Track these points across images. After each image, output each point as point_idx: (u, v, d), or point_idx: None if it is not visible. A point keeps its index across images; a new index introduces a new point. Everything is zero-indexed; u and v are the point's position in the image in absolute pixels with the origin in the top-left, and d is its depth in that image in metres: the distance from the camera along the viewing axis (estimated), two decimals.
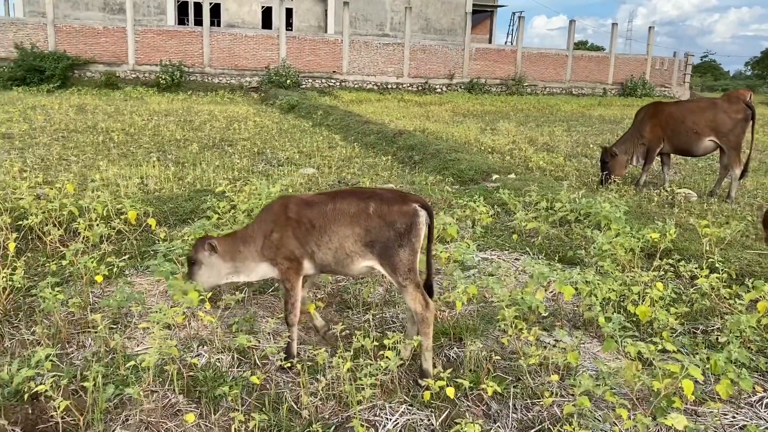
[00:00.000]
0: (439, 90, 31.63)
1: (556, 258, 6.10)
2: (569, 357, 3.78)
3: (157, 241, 6.15)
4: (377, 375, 3.53)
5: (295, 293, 3.99)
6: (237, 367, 4.03)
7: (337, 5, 33.01)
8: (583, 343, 4.45)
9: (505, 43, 45.08)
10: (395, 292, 5.16)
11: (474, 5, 36.77)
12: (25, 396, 3.37)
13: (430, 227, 3.82)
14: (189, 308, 4.29)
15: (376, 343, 3.86)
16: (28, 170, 8.97)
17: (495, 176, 9.19)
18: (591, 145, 14.60)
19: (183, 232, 5.84)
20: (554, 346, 4.07)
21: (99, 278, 4.62)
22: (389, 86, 31.05)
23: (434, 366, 3.89)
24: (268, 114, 19.84)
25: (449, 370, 3.59)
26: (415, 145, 12.22)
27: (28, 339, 4.26)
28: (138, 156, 11.22)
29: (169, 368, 3.61)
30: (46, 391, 3.24)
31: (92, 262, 4.74)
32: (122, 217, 5.92)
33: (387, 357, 3.54)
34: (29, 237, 5.92)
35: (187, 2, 33.83)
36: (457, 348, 4.40)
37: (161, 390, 3.62)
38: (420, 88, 31.43)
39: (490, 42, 39.68)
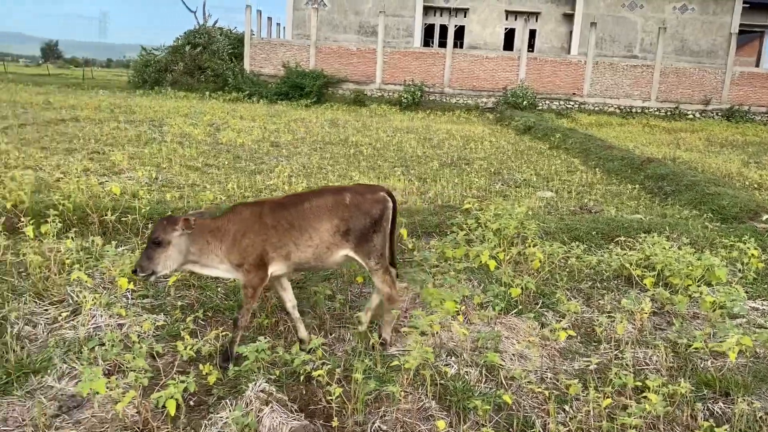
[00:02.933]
0: (690, 116, 29.04)
1: None
2: None
3: (405, 251, 6.50)
4: (641, 416, 3.32)
5: (255, 300, 4.06)
6: (484, 383, 4.07)
7: (584, 26, 32.07)
8: None
9: None
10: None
11: (741, 25, 33.15)
12: (301, 378, 3.77)
13: (394, 213, 4.18)
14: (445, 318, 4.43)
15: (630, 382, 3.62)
16: (294, 176, 10.06)
17: (766, 216, 8.15)
18: None
19: (431, 244, 6.08)
20: None
21: (359, 279, 5.00)
22: (633, 110, 29.29)
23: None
24: (504, 134, 19.92)
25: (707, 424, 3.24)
26: (666, 175, 11.34)
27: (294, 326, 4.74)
28: (384, 169, 11.98)
29: (425, 373, 3.77)
30: (319, 376, 3.59)
31: (354, 264, 5.15)
32: None
33: (651, 400, 3.31)
34: None
35: (434, 25, 35.42)
36: (723, 403, 3.96)
37: (415, 393, 3.79)
38: (668, 113, 29.16)
39: (757, 65, 35.47)
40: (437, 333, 4.66)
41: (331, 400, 3.53)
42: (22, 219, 5.76)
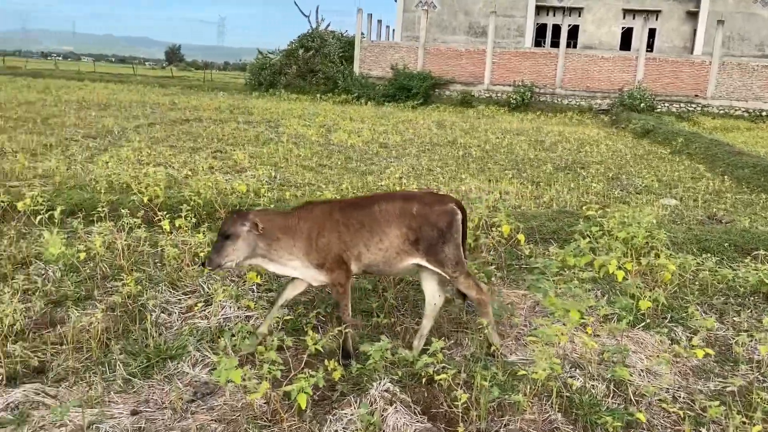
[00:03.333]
0: None
1: None
2: None
3: (521, 257, 6.36)
4: None
5: (348, 295, 4.10)
6: (611, 398, 3.89)
7: (710, 24, 30.15)
8: None
9: None
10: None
11: None
12: (423, 380, 3.77)
13: (464, 223, 4.12)
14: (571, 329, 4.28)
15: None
16: (405, 177, 10.12)
17: None
18: None
19: (550, 251, 5.91)
20: None
21: None
22: (764, 113, 27.18)
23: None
24: (620, 138, 19.09)
25: None
26: None
27: (412, 328, 4.75)
28: (495, 172, 11.80)
29: (551, 384, 3.65)
30: (442, 380, 3.56)
31: (474, 267, 5.09)
32: (494, 228, 6.25)
33: None
34: None
35: (546, 24, 34.55)
36: None
37: (539, 404, 3.68)
38: None
39: None
40: (562, 344, 4.51)
41: (455, 405, 3.50)
42: (159, 213, 6.15)
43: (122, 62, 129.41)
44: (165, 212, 6.30)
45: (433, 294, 4.35)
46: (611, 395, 3.93)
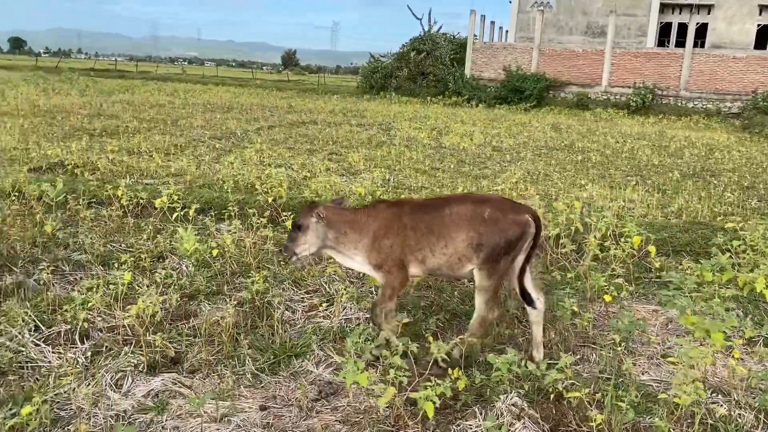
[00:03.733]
0: None
1: None
2: None
3: (651, 269, 5.99)
4: None
5: (393, 302, 4.04)
6: (760, 429, 3.56)
7: None
8: None
9: None
10: None
11: None
12: (551, 396, 3.61)
13: (536, 237, 3.90)
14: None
15: None
16: (521, 182, 9.87)
17: None
18: None
19: (684, 265, 5.52)
20: None
21: (608, 298, 4.70)
22: None
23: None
24: (755, 144, 17.68)
25: None
26: None
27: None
28: (616, 178, 11.26)
29: (695, 410, 3.39)
30: (573, 397, 3.40)
31: (602, 280, 4.85)
32: (623, 239, 5.93)
33: None
34: (546, 247, 6.38)
35: (671, 23, 32.70)
36: None
37: (679, 430, 3.43)
38: None
39: None
40: (704, 367, 4.19)
41: (585, 424, 3.33)
42: (283, 213, 6.34)
43: (242, 67, 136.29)
44: (288, 212, 6.50)
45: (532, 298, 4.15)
46: (760, 426, 3.59)
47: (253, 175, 8.97)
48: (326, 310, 4.87)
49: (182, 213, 6.39)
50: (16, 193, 7.23)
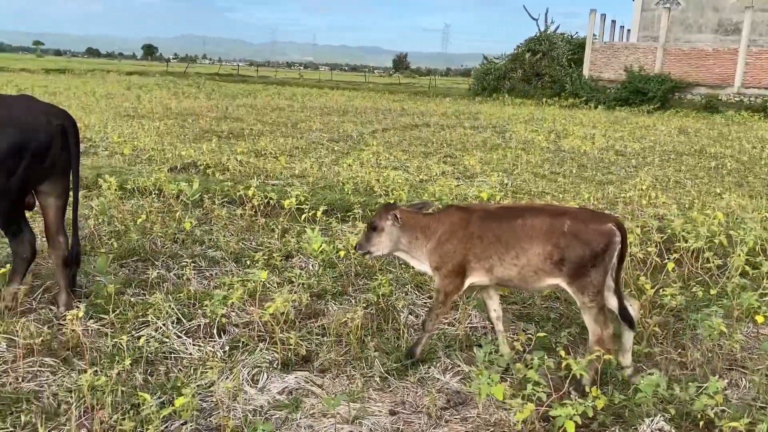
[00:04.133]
0: None
1: None
2: None
3: None
4: None
5: (447, 307, 4.08)
6: None
7: None
8: None
9: None
10: None
11: None
12: (700, 423, 3.35)
13: (623, 247, 3.72)
14: None
15: None
16: (651, 189, 9.33)
17: None
18: None
19: None
20: None
21: (760, 319, 4.31)
22: None
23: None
24: None
25: None
26: None
27: (673, 359, 4.28)
28: (757, 187, 10.41)
29: None
30: (729, 426, 3.13)
31: (753, 299, 4.46)
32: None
33: None
34: (684, 260, 5.99)
35: None
36: None
37: None
38: None
39: None
40: None
41: None
42: None
43: (354, 70, 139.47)
44: None
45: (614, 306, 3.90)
46: None
47: (372, 177, 9.08)
48: (451, 317, 4.81)
49: (310, 214, 6.57)
50: (157, 191, 7.73)
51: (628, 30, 37.10)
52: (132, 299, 4.81)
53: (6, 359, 3.89)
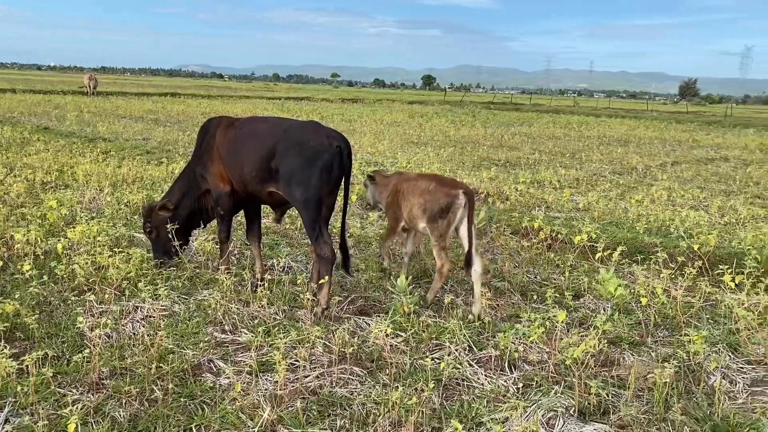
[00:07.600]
0: None
1: None
2: None
3: None
4: None
5: (393, 236, 5.87)
6: None
7: None
8: None
9: None
10: None
11: None
12: None
13: (471, 209, 5.13)
14: None
15: None
16: None
17: None
18: None
19: None
20: None
21: None
22: None
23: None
24: None
25: None
26: None
27: None
28: None
29: None
30: None
31: None
32: None
33: None
34: None
35: None
36: None
37: None
38: None
39: None
40: None
41: None
42: (720, 267, 5.61)
43: (632, 98, 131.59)
44: (721, 264, 5.76)
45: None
46: None
47: (666, 215, 8.32)
48: None
49: (606, 254, 6.19)
50: None
51: None
52: (428, 320, 5.00)
53: (323, 363, 4.31)
